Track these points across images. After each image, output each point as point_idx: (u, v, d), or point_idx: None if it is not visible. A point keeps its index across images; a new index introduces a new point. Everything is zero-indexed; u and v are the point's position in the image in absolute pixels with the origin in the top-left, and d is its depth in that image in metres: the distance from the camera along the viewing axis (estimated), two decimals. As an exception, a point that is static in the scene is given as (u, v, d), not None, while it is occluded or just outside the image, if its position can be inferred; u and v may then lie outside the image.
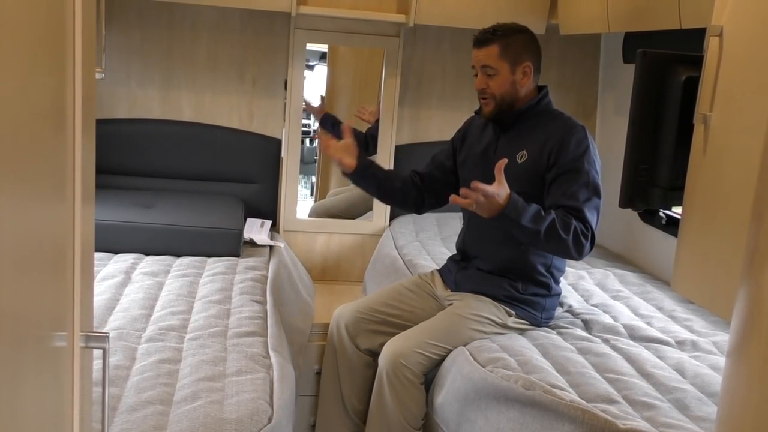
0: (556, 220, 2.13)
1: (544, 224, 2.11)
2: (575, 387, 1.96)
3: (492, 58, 2.31)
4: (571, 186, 2.20)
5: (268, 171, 3.50)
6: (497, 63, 2.31)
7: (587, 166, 2.23)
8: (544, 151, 2.27)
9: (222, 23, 3.37)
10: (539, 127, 2.34)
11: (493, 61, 2.31)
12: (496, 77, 2.32)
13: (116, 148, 3.32)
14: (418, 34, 3.51)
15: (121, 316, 2.26)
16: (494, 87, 2.33)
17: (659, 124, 1.57)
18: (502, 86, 2.32)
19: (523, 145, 2.34)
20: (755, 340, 0.76)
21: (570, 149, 2.23)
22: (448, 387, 2.18)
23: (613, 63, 3.50)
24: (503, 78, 2.32)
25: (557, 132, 2.28)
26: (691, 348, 2.28)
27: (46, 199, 0.86)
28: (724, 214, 1.37)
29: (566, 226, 2.14)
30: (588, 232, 2.17)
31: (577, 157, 2.23)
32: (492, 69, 2.31)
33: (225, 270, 2.78)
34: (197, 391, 1.80)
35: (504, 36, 2.31)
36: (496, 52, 2.31)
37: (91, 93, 1.02)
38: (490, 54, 2.31)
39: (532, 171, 2.29)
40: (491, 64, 2.31)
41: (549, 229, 2.12)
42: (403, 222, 3.52)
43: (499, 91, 2.33)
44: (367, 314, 2.50)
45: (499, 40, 2.31)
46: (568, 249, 2.16)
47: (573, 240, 2.14)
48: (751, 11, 1.35)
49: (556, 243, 2.14)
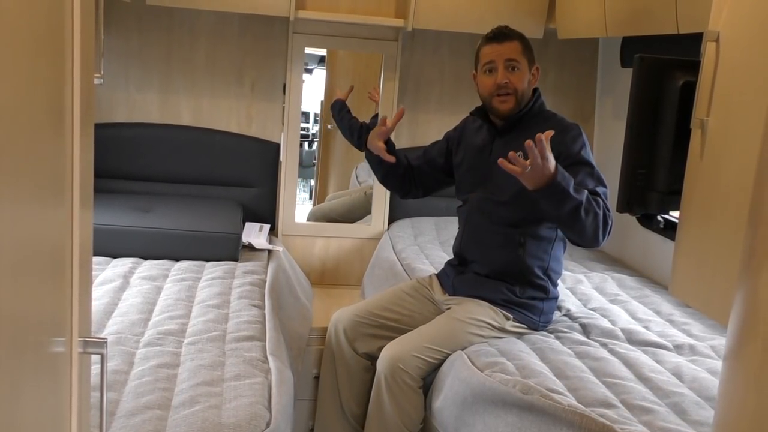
0: (591, 198, 2.08)
1: (584, 196, 2.06)
2: (573, 391, 1.96)
3: (517, 53, 2.30)
4: (576, 176, 2.19)
5: (267, 175, 3.50)
6: (521, 58, 2.31)
7: (588, 159, 2.24)
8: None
9: (221, 28, 3.37)
10: (535, 128, 2.34)
11: (518, 56, 2.30)
12: (518, 72, 2.31)
13: (114, 152, 3.32)
14: (416, 39, 3.52)
15: (120, 320, 2.26)
16: (516, 81, 2.31)
17: (657, 129, 1.58)
18: (522, 82, 2.32)
19: (519, 147, 2.34)
20: (751, 345, 0.76)
21: (567, 145, 2.23)
22: (447, 391, 2.18)
23: (611, 67, 3.50)
24: (523, 74, 2.32)
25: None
26: (689, 352, 2.29)
27: (45, 204, 0.86)
28: (721, 219, 1.38)
29: (596, 203, 2.10)
30: (609, 213, 2.14)
31: (576, 151, 2.24)
32: (517, 62, 2.30)
33: (223, 274, 2.78)
34: (195, 396, 1.80)
35: (521, 35, 2.33)
36: (520, 48, 2.31)
37: (89, 98, 1.02)
38: (515, 48, 2.30)
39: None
40: (516, 58, 2.30)
41: (588, 202, 2.06)
42: (402, 226, 3.53)
43: (521, 87, 2.31)
44: (365, 318, 2.50)
45: (519, 37, 2.32)
46: (598, 228, 2.09)
47: (602, 218, 2.09)
48: (747, 17, 1.35)
49: (593, 218, 2.07)
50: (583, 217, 2.06)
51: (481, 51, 2.36)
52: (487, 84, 2.33)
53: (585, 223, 2.09)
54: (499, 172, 2.34)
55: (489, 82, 2.32)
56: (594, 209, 2.09)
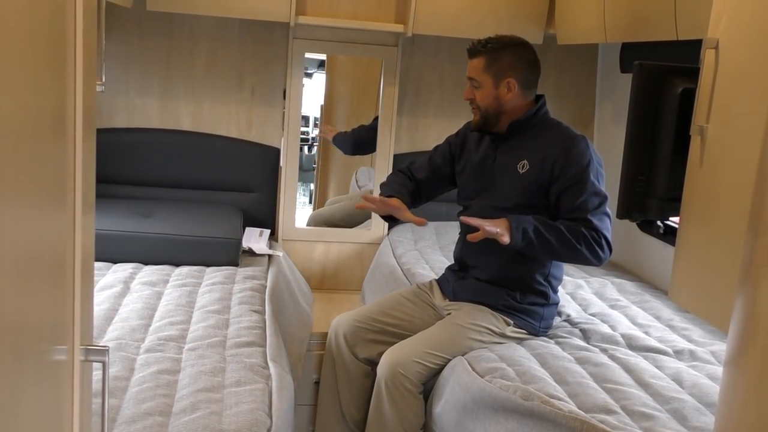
0: (565, 231, 2.18)
1: (554, 238, 2.18)
2: (573, 397, 1.96)
3: (476, 71, 2.34)
4: (578, 198, 2.22)
5: (267, 180, 3.51)
6: (481, 76, 2.34)
7: (592, 177, 2.26)
8: (547, 162, 2.27)
9: (221, 33, 3.38)
10: (538, 137, 2.35)
11: (477, 74, 2.34)
12: (480, 89, 2.35)
13: (115, 157, 3.32)
14: (416, 44, 3.53)
15: (120, 326, 2.26)
16: (478, 99, 2.36)
17: (656, 136, 1.58)
18: (485, 99, 2.35)
19: (523, 155, 2.34)
20: (751, 354, 0.76)
21: (574, 162, 2.24)
22: (447, 397, 2.18)
23: (611, 72, 3.51)
24: (486, 91, 2.34)
25: (559, 143, 2.29)
26: (689, 357, 2.29)
27: (47, 209, 0.87)
28: (720, 226, 1.38)
29: (576, 235, 2.18)
30: (600, 239, 2.21)
31: (582, 169, 2.25)
32: (476, 81, 2.35)
33: (224, 279, 2.78)
34: (196, 402, 1.80)
35: (493, 50, 2.32)
36: (481, 65, 2.33)
37: (91, 105, 1.02)
38: (475, 66, 2.35)
39: (534, 181, 2.30)
40: (475, 77, 2.35)
41: (562, 241, 2.19)
42: (402, 231, 3.53)
43: (483, 104, 2.35)
44: (365, 323, 2.50)
45: (487, 53, 2.33)
46: (585, 257, 2.22)
47: (587, 248, 2.20)
48: (746, 25, 1.36)
49: (573, 252, 2.21)
50: (560, 253, 2.23)
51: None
52: (463, 95, 2.42)
53: (564, 257, 2.28)
54: (501, 179, 2.36)
55: (463, 94, 2.41)
56: (571, 244, 2.19)
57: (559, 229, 2.18)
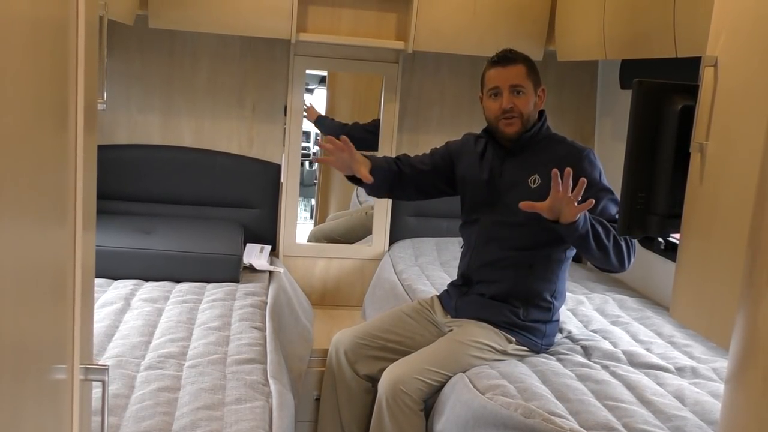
0: (611, 228, 2.15)
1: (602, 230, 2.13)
2: (575, 415, 1.95)
3: (521, 77, 2.32)
4: (598, 203, 2.21)
5: (268, 196, 3.51)
6: (525, 82, 2.32)
7: (607, 185, 2.28)
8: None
9: (222, 50, 3.40)
10: (546, 151, 2.35)
11: (522, 80, 2.32)
12: (523, 96, 2.32)
13: (116, 173, 3.33)
14: (416, 61, 3.54)
15: (121, 343, 2.26)
16: (521, 105, 2.32)
17: (656, 153, 1.58)
18: (527, 106, 2.33)
19: (534, 170, 2.34)
20: (751, 372, 0.76)
21: (587, 173, 2.23)
22: (448, 414, 2.17)
23: (611, 89, 3.52)
24: (529, 98, 2.33)
25: (568, 156, 2.29)
26: (690, 374, 2.28)
27: (48, 226, 0.87)
28: (720, 242, 1.38)
29: (616, 235, 2.15)
30: (630, 243, 2.19)
31: (596, 178, 2.26)
32: (521, 87, 2.32)
33: (224, 296, 2.77)
34: (196, 420, 1.79)
35: (525, 57, 2.34)
36: (525, 71, 2.32)
37: (92, 123, 1.03)
38: (520, 73, 2.32)
39: (546, 195, 2.28)
40: (521, 83, 2.32)
41: (607, 232, 2.13)
42: (403, 246, 3.53)
43: (526, 111, 2.33)
44: (366, 340, 2.49)
45: (523, 60, 2.33)
46: (623, 257, 2.17)
47: (625, 248, 2.17)
48: (744, 43, 1.36)
49: (614, 247, 2.15)
50: (605, 249, 2.13)
51: (487, 75, 2.37)
52: (492, 108, 2.35)
53: (607, 253, 2.16)
54: (510, 194, 2.35)
55: (495, 106, 2.34)
56: (615, 238, 2.14)
57: (606, 225, 2.15)
